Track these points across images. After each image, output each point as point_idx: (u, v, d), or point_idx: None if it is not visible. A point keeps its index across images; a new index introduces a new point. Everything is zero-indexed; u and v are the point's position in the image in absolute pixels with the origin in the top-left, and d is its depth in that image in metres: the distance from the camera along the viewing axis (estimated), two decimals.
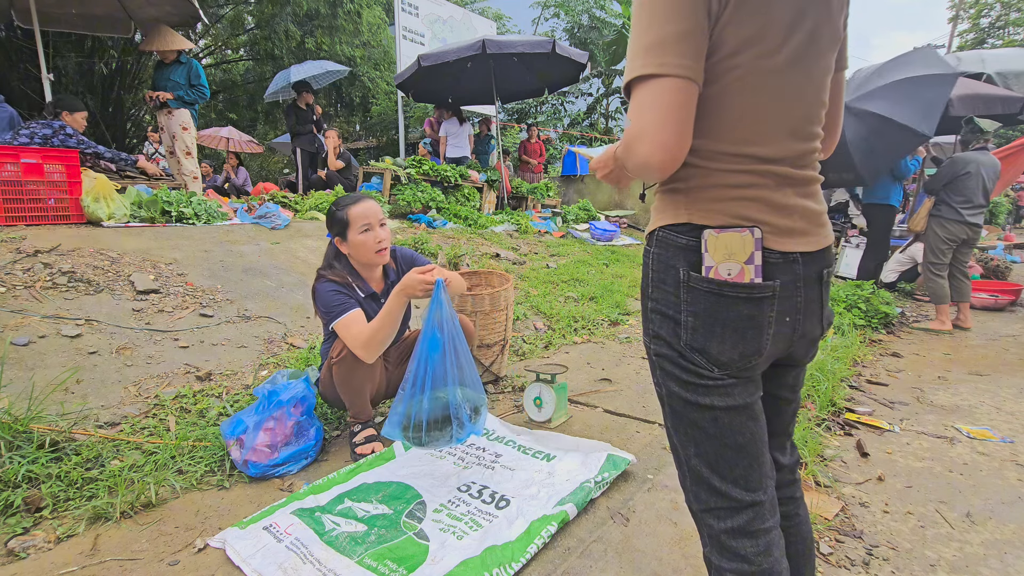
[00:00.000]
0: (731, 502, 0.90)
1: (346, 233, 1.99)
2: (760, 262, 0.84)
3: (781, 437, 1.06)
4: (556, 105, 16.45)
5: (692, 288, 0.86)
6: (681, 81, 0.77)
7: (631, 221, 9.26)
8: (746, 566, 0.89)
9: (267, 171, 19.20)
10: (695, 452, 0.93)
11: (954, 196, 4.37)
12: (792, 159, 0.87)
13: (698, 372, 0.88)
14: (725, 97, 0.83)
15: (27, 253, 3.07)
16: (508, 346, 2.94)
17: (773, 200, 0.86)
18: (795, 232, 0.87)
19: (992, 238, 9.25)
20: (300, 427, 1.99)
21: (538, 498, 1.71)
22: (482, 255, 5.18)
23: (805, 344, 0.94)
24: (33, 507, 1.61)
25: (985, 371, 3.33)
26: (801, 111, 0.87)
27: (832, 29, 0.88)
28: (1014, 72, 6.52)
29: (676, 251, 0.89)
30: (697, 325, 0.86)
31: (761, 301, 0.85)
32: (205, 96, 5.35)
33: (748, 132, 0.84)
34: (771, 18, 0.80)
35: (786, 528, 1.03)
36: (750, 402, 0.90)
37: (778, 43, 0.82)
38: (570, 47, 7.71)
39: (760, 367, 0.90)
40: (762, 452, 0.92)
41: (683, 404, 0.91)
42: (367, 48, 13.96)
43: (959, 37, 21.28)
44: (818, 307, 0.93)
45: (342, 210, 1.99)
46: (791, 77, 0.85)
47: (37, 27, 5.34)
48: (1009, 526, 1.71)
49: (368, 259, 2.04)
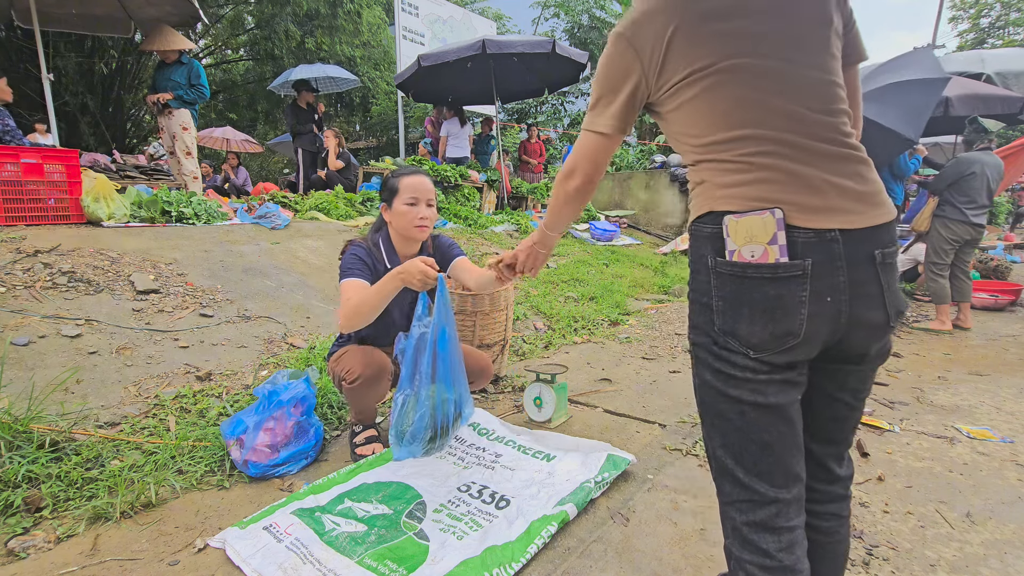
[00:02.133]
0: (754, 495, 0.91)
1: (392, 201, 1.97)
2: (784, 242, 0.84)
3: (839, 446, 1.01)
4: (556, 105, 16.43)
5: (719, 273, 0.89)
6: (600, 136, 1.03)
7: (631, 221, 9.26)
8: (767, 560, 0.89)
9: (267, 171, 19.19)
10: (720, 443, 0.94)
11: (958, 196, 4.35)
12: (805, 132, 0.87)
13: (731, 360, 0.89)
14: (708, 98, 0.89)
15: (27, 253, 3.07)
16: (508, 346, 2.94)
17: (795, 175, 0.86)
18: (830, 209, 0.85)
19: (992, 238, 9.24)
20: (300, 427, 1.98)
21: (538, 498, 1.71)
22: (482, 255, 5.18)
23: (862, 333, 0.89)
24: (33, 507, 1.61)
25: (985, 371, 3.33)
26: (798, 89, 0.89)
27: (810, 14, 0.91)
28: (1014, 72, 6.52)
29: (703, 241, 0.93)
30: (725, 308, 0.88)
31: (789, 280, 0.84)
32: (205, 96, 5.34)
33: (742, 118, 0.88)
34: (710, 48, 0.88)
35: (825, 544, 1.01)
36: (783, 404, 0.88)
37: (737, 50, 0.88)
38: (570, 47, 7.71)
39: (802, 353, 0.87)
40: (790, 454, 0.90)
41: (713, 394, 0.92)
42: (367, 48, 13.95)
43: (959, 37, 21.28)
44: (875, 290, 0.88)
45: (395, 178, 1.99)
46: (771, 67, 0.88)
47: (37, 27, 5.33)
48: (1009, 526, 1.71)
49: (406, 231, 1.99)
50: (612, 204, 9.71)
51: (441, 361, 1.82)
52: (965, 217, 4.34)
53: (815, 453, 1.00)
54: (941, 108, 5.60)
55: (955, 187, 4.37)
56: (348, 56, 13.06)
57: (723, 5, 0.89)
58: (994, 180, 4.34)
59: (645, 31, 0.92)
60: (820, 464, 1.01)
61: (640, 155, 13.05)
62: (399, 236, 2.04)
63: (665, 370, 3.16)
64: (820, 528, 1.02)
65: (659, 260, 6.87)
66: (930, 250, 4.56)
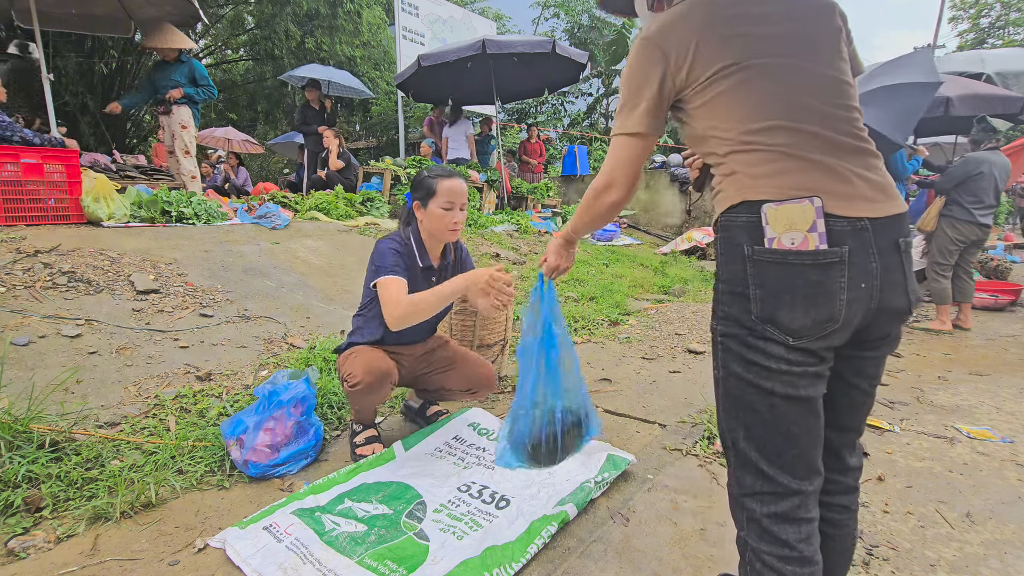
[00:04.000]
0: (777, 487, 0.91)
1: (427, 201, 1.95)
2: (824, 229, 0.86)
3: (852, 434, 1.05)
4: (556, 105, 16.43)
5: (757, 261, 0.90)
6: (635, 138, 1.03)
7: (631, 221, 9.26)
8: (787, 551, 0.90)
9: (267, 171, 19.19)
10: (745, 435, 0.94)
11: (966, 196, 4.32)
12: (830, 127, 0.92)
13: (766, 351, 0.89)
14: (740, 91, 0.93)
15: (27, 253, 3.07)
16: (508, 346, 2.94)
17: (826, 166, 0.89)
18: (859, 197, 0.89)
19: (992, 238, 9.24)
20: (300, 427, 1.98)
21: (538, 498, 1.72)
22: (482, 255, 5.18)
23: (887, 318, 0.93)
24: (33, 507, 1.61)
25: (985, 371, 3.33)
26: (817, 86, 0.93)
27: (825, 23, 0.99)
28: (1014, 72, 6.52)
29: (738, 230, 0.93)
30: (765, 296, 0.89)
31: (829, 267, 0.86)
32: (213, 95, 5.35)
33: (773, 110, 0.91)
34: (737, 48, 0.93)
35: (834, 536, 1.03)
36: (813, 396, 0.91)
37: (764, 51, 0.93)
38: (570, 47, 7.71)
39: (838, 338, 0.90)
40: (814, 447, 0.93)
41: (742, 386, 0.92)
42: (367, 48, 13.94)
43: (959, 37, 21.28)
44: (900, 277, 0.92)
45: (433, 179, 1.95)
46: (796, 65, 0.93)
47: (37, 27, 5.33)
48: (1009, 526, 1.71)
49: (440, 234, 1.99)
50: None
51: (549, 369, 1.47)
52: (972, 217, 4.32)
53: (831, 442, 1.02)
54: (941, 108, 5.59)
55: (962, 187, 4.34)
56: (348, 56, 13.04)
57: (747, 12, 0.95)
58: (1001, 180, 4.32)
59: (672, 35, 0.97)
60: (835, 453, 1.04)
61: None
62: (428, 235, 2.03)
63: (665, 370, 3.16)
64: (831, 520, 1.04)
65: (659, 260, 6.87)
66: (935, 250, 4.54)
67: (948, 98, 5.60)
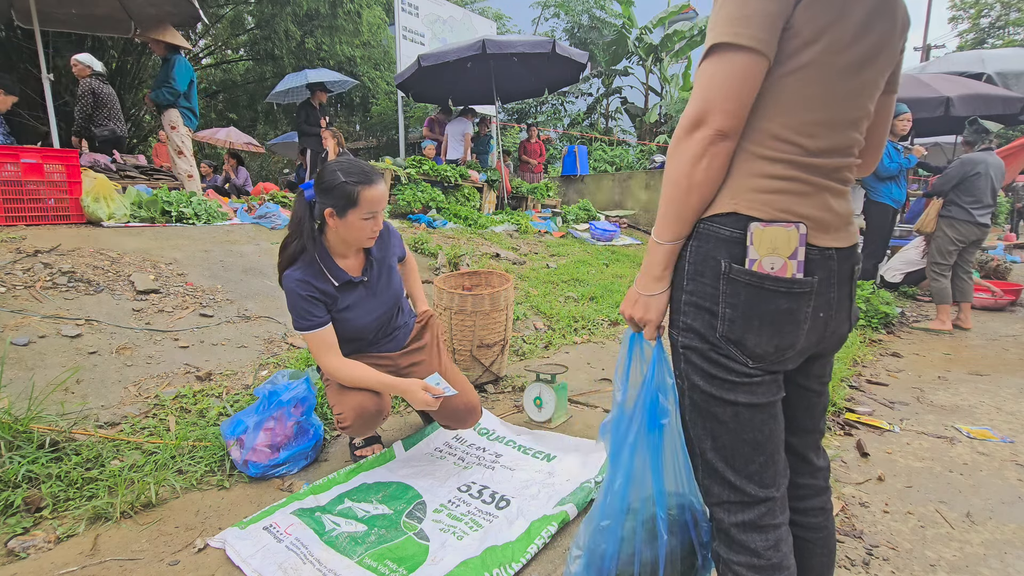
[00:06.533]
0: (744, 496, 0.91)
1: (346, 211, 1.71)
2: (803, 258, 0.85)
3: (814, 435, 1.05)
4: (556, 105, 16.42)
5: (732, 280, 0.86)
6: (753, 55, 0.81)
7: (631, 221, 9.26)
8: (755, 559, 0.89)
9: (267, 171, 19.20)
10: (711, 446, 0.93)
11: (964, 197, 4.35)
12: (835, 156, 0.89)
13: (728, 367, 0.88)
14: (787, 83, 0.84)
15: (27, 253, 3.07)
16: (508, 346, 2.94)
17: (817, 196, 0.87)
18: (831, 228, 0.88)
19: (992, 238, 9.24)
20: (300, 427, 1.98)
21: (538, 498, 1.72)
22: (482, 255, 5.18)
23: (834, 341, 0.96)
24: (33, 507, 1.61)
25: (985, 371, 3.32)
26: (850, 114, 0.89)
27: (892, 49, 0.91)
28: (1014, 72, 6.53)
29: (717, 243, 0.88)
30: (735, 317, 0.87)
31: (800, 296, 0.86)
32: (176, 91, 5.04)
33: (801, 121, 0.85)
34: (844, 14, 0.82)
35: (815, 540, 1.04)
36: (773, 401, 0.91)
37: (847, 42, 0.84)
38: (570, 47, 7.71)
39: (792, 363, 0.91)
40: (778, 451, 0.93)
41: (705, 398, 0.91)
42: (367, 48, 13.95)
43: (959, 37, 21.29)
44: (848, 303, 0.94)
45: (353, 186, 1.69)
46: (849, 80, 0.86)
47: (37, 27, 5.33)
48: (1009, 526, 1.71)
49: (357, 243, 1.83)
50: (612, 204, 9.71)
51: (653, 455, 1.03)
52: (971, 217, 4.34)
53: (795, 446, 1.03)
54: (941, 108, 5.58)
55: (960, 187, 4.36)
56: (348, 56, 13.05)
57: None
58: (997, 180, 4.35)
59: None
60: (801, 457, 1.04)
61: (640, 155, 13.06)
62: (342, 243, 1.83)
63: None
64: (809, 525, 1.04)
65: None
66: (934, 251, 4.56)
67: (948, 98, 5.60)
